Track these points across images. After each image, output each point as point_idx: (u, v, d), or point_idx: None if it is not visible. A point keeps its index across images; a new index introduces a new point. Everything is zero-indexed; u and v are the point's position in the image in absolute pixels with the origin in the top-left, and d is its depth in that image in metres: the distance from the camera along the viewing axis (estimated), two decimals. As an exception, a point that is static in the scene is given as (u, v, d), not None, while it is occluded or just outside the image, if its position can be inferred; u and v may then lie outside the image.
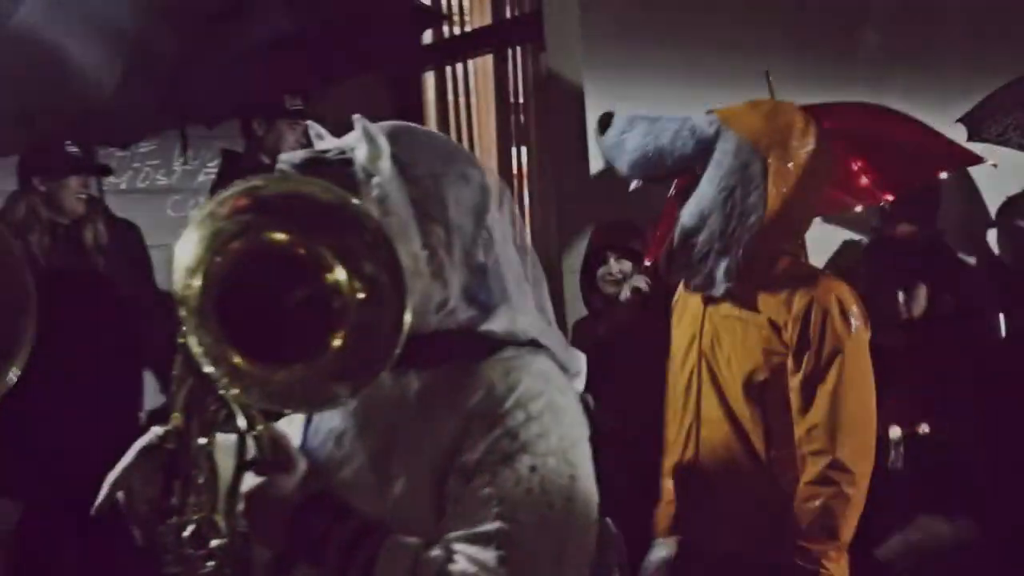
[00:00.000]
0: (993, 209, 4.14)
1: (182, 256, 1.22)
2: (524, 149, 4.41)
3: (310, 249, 1.24)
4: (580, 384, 1.42)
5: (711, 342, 2.32)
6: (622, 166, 2.32)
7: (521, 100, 4.37)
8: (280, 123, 3.62)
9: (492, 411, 1.29)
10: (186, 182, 4.61)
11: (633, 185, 2.36)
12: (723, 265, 2.24)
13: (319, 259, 1.24)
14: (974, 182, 4.27)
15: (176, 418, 1.36)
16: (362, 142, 1.35)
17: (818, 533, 2.16)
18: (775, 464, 2.26)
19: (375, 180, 1.34)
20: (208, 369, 1.21)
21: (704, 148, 2.24)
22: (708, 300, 2.33)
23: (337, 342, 1.23)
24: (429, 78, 4.85)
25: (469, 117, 4.73)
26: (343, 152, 1.36)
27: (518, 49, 4.40)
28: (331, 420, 1.42)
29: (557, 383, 1.35)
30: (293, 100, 3.65)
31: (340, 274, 1.24)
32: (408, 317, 1.22)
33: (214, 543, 1.34)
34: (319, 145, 1.42)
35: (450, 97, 4.76)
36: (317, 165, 1.35)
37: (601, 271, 3.28)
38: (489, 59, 4.58)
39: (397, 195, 1.33)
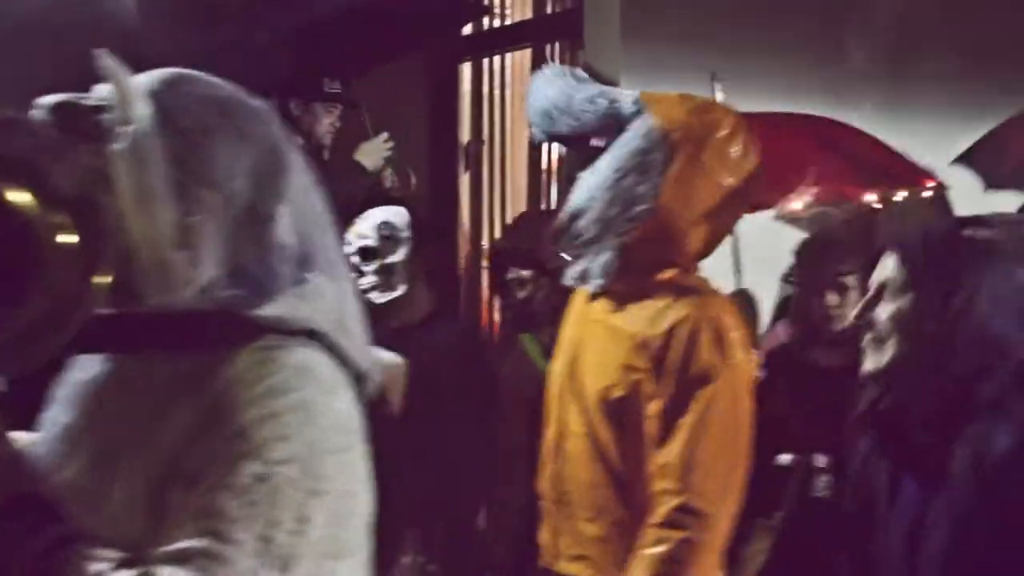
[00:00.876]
0: None
1: None
2: (556, 145, 4.42)
3: None
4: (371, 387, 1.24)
5: (580, 347, 2.11)
6: (531, 114, 2.13)
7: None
8: (316, 105, 3.65)
9: (227, 405, 1.10)
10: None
11: (536, 136, 2.17)
12: (600, 258, 2.02)
13: None
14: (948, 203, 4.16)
15: None
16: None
17: None
18: (641, 488, 2.00)
19: (125, 129, 1.13)
20: None
21: (614, 122, 2.03)
22: (590, 300, 2.12)
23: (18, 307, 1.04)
24: (466, 68, 4.86)
25: (503, 110, 4.74)
26: (104, 97, 1.16)
27: (556, 45, 4.41)
28: (66, 411, 1.22)
29: (323, 381, 1.15)
30: (331, 83, 3.68)
31: (19, 196, 1.05)
32: (104, 279, 1.06)
33: None
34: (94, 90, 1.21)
35: (485, 89, 4.78)
36: (68, 109, 1.15)
37: (508, 278, 3.17)
38: (527, 53, 4.59)
39: (153, 149, 1.13)
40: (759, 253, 3.59)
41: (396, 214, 2.97)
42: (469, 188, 4.88)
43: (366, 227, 2.95)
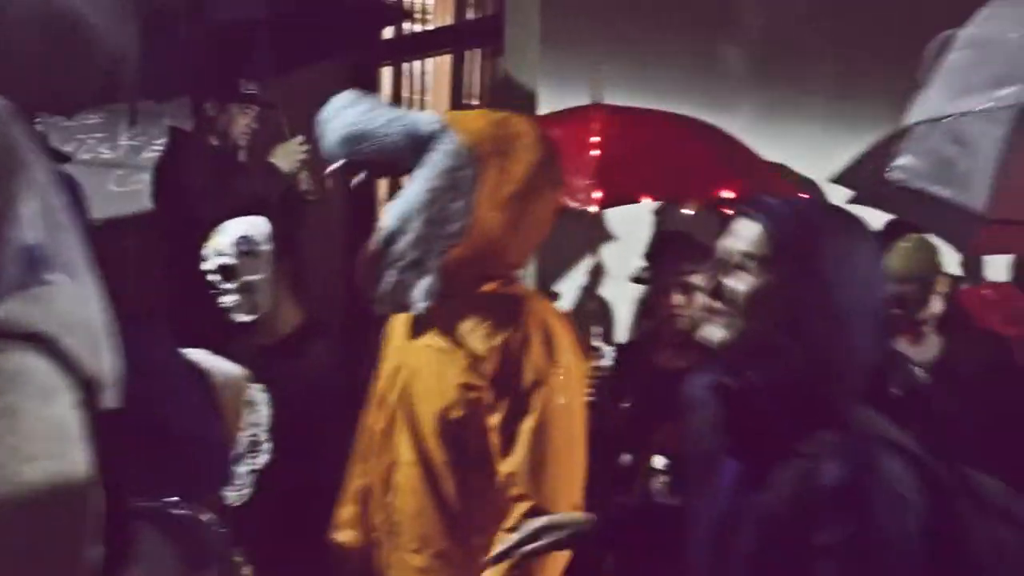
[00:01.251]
0: None
1: None
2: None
3: None
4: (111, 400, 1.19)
5: (411, 375, 2.10)
6: (327, 142, 2.10)
7: (475, 102, 4.40)
8: (232, 106, 3.60)
9: None
10: (131, 157, 4.55)
11: (332, 168, 2.13)
12: (421, 281, 2.02)
13: None
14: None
15: None
16: None
17: None
18: (469, 517, 2.04)
19: None
20: None
21: (417, 145, 2.04)
22: (413, 326, 2.12)
23: None
24: (386, 73, 4.85)
25: (423, 115, 4.73)
26: None
27: (477, 52, 4.43)
28: None
29: (38, 387, 1.11)
30: (248, 84, 3.64)
31: None
32: None
33: None
34: None
35: (405, 93, 4.77)
36: None
37: None
38: (447, 59, 4.60)
39: None
40: (618, 260, 3.66)
41: (254, 226, 2.79)
42: (387, 194, 4.87)
43: (223, 243, 2.78)
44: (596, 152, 3.25)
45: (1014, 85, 2.31)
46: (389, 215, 2.05)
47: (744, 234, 1.47)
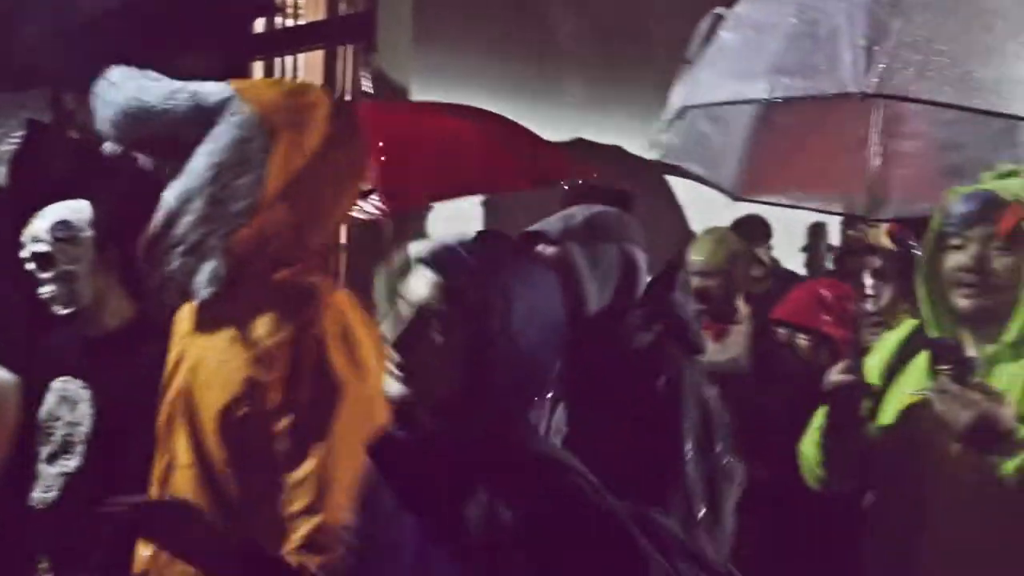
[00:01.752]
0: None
1: None
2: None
3: None
4: None
5: (193, 367, 1.87)
6: (102, 119, 1.90)
7: (348, 98, 4.39)
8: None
9: None
10: (-13, 150, 4.39)
11: (108, 149, 1.94)
12: (204, 266, 1.81)
13: None
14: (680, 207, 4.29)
15: None
16: None
17: None
18: (254, 525, 1.78)
19: None
20: None
21: (202, 115, 1.83)
22: (198, 315, 1.90)
23: None
24: (257, 68, 4.79)
25: (295, 110, 4.69)
26: None
27: (349, 47, 4.42)
28: None
29: None
30: (109, 77, 3.55)
31: None
32: None
33: None
34: None
35: (277, 88, 4.73)
36: None
37: None
38: (319, 54, 4.57)
39: None
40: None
41: (74, 211, 2.56)
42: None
43: (40, 228, 2.54)
44: (377, 158, 3.15)
45: (793, 75, 2.14)
46: (169, 194, 1.83)
47: (422, 285, 1.42)
